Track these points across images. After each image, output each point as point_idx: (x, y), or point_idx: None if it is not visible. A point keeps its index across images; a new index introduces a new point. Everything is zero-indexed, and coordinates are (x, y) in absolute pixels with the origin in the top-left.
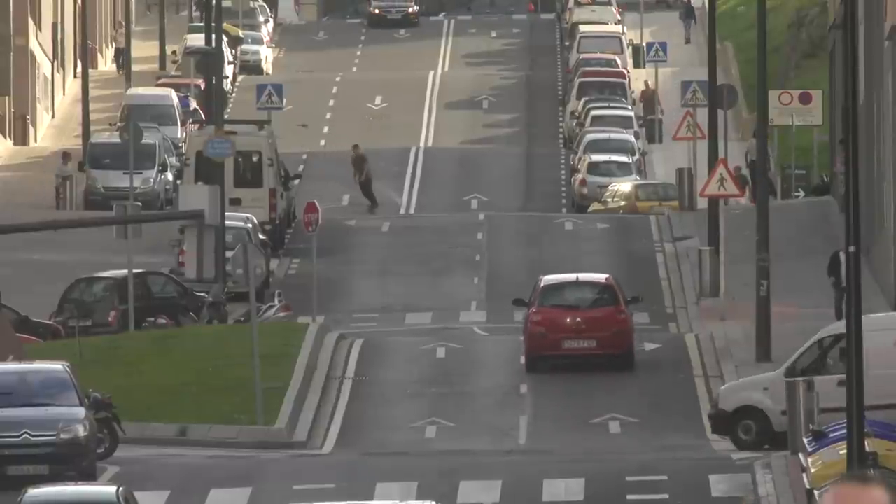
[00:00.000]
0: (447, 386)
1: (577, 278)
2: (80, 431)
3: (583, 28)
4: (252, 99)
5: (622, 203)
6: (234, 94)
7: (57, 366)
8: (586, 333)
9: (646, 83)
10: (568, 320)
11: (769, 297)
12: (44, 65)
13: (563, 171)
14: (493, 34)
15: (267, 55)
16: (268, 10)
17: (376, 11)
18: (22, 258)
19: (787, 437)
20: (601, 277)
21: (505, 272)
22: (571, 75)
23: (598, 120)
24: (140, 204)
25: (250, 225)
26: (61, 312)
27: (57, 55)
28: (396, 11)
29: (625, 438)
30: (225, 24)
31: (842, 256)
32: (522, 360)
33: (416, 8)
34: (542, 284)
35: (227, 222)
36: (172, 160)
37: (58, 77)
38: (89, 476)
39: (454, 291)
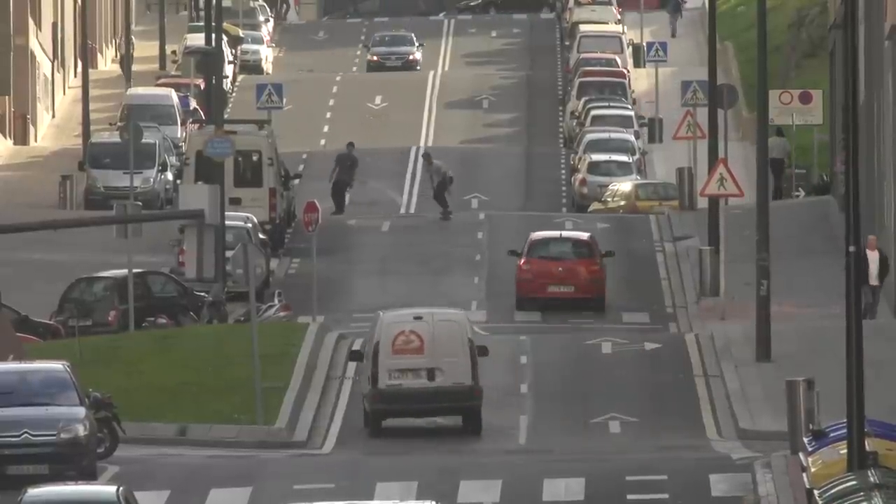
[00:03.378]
0: None
1: (561, 234)
2: (81, 431)
3: (583, 28)
4: (252, 99)
5: (622, 203)
6: (234, 94)
7: (57, 365)
8: (566, 280)
9: None
10: (551, 269)
11: (769, 297)
12: (44, 64)
13: (563, 171)
14: (493, 34)
15: (267, 55)
16: (268, 9)
17: (374, 59)
18: (22, 258)
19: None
20: (582, 234)
21: (505, 272)
22: (571, 75)
23: (598, 119)
24: (140, 203)
25: (250, 225)
26: (61, 312)
27: (57, 55)
28: (396, 59)
29: (625, 438)
30: (225, 24)
31: (868, 255)
32: (523, 360)
33: (417, 55)
34: (531, 239)
35: (227, 222)
36: (172, 160)
37: (58, 77)
38: (89, 476)
39: (454, 291)
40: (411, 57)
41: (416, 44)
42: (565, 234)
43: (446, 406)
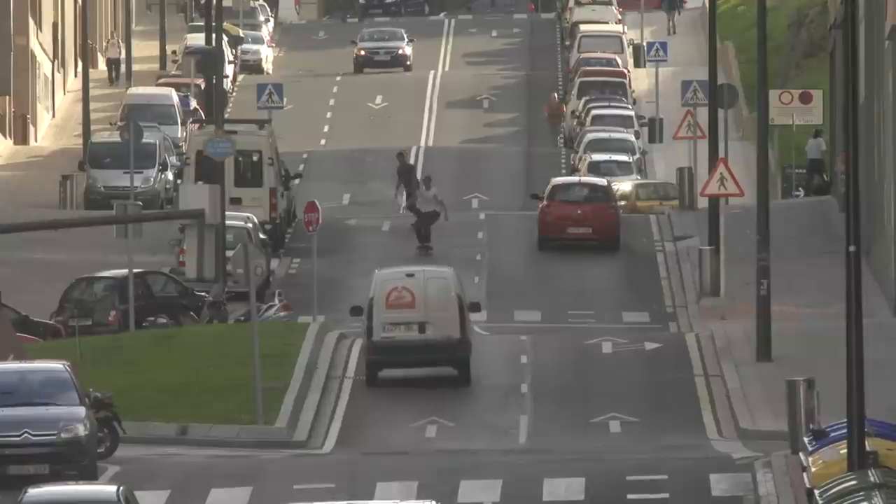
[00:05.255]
0: (447, 386)
1: (580, 180)
2: (81, 431)
3: (583, 27)
4: (252, 98)
5: (622, 203)
6: (234, 94)
7: (57, 365)
8: (584, 222)
9: (553, 95)
10: (571, 211)
11: (769, 297)
12: (44, 64)
13: (563, 171)
14: (494, 34)
15: (267, 55)
16: (268, 9)
17: (362, 53)
18: (22, 258)
19: None
20: (599, 181)
21: (505, 272)
22: (572, 75)
23: (598, 119)
24: (140, 203)
25: (250, 224)
26: (62, 312)
27: (57, 55)
28: (385, 53)
29: (625, 438)
30: (225, 24)
31: None
32: (523, 360)
33: (407, 50)
34: (553, 184)
35: (227, 222)
36: (173, 160)
37: (58, 76)
38: (90, 475)
39: None
40: (401, 51)
41: (407, 39)
42: (584, 179)
43: (436, 357)
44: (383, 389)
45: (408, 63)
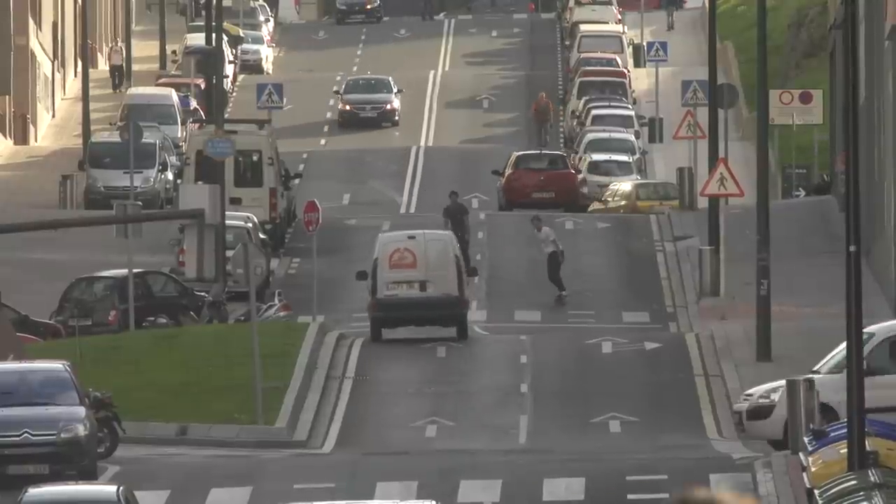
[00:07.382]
0: (447, 385)
1: (541, 151)
2: (81, 431)
3: (583, 27)
4: (252, 98)
5: (622, 203)
6: (234, 94)
7: (57, 365)
8: (547, 187)
9: (542, 95)
10: (535, 178)
11: (769, 297)
12: (44, 64)
13: None
14: (494, 34)
15: (267, 55)
16: (268, 9)
17: (347, 108)
18: (22, 258)
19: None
20: (558, 151)
21: (505, 272)
22: (572, 75)
23: (598, 119)
24: (140, 203)
25: (250, 224)
26: (61, 312)
27: (57, 55)
28: (371, 108)
29: (625, 438)
30: (225, 24)
31: None
32: (523, 360)
33: (395, 103)
34: (516, 155)
35: (227, 222)
36: (173, 159)
37: (58, 76)
38: (89, 475)
39: None
40: (389, 106)
41: (395, 89)
42: (545, 151)
43: (436, 314)
44: (382, 390)
45: (395, 118)
